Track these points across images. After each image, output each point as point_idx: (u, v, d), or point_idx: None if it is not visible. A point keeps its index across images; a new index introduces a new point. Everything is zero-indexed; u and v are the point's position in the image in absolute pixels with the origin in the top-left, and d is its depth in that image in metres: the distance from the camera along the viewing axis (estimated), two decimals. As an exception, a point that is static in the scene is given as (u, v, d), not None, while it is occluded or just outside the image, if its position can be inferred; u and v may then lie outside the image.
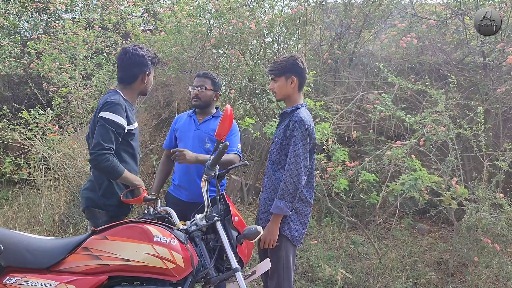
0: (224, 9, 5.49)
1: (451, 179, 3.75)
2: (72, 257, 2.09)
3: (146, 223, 2.16)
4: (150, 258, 2.03)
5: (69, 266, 2.07)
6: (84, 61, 5.96)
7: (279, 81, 2.73)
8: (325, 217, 4.91)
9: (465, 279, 3.86)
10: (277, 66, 2.73)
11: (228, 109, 2.19)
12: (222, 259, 2.25)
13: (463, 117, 4.35)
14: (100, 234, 2.13)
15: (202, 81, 3.15)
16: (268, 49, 5.91)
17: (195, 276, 2.14)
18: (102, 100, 2.60)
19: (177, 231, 2.19)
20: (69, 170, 4.94)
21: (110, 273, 2.04)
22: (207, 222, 2.25)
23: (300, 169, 2.53)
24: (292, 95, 2.75)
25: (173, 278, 2.06)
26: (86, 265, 2.05)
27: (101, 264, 2.04)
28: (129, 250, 2.05)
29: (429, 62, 5.14)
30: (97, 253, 2.06)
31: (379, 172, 4.11)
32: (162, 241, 2.08)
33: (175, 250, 2.07)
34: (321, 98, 4.86)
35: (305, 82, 2.81)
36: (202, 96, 3.12)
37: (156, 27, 7.02)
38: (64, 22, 6.84)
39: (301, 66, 2.71)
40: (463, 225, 3.83)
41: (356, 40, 5.65)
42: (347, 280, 3.85)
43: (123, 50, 2.70)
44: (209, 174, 2.24)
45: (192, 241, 2.23)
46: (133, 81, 2.69)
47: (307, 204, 2.70)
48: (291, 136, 2.59)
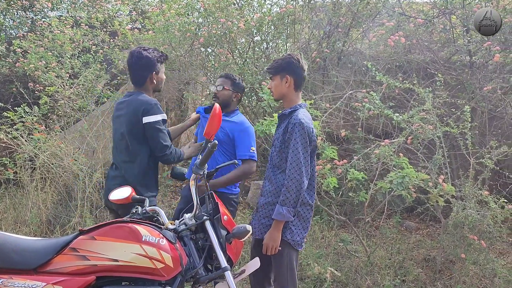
0: (213, 7, 5.48)
1: (438, 177, 3.79)
2: (60, 257, 2.07)
3: (134, 223, 2.15)
4: (138, 258, 2.02)
5: (56, 266, 2.05)
6: (71, 60, 5.89)
7: (275, 80, 2.71)
8: (314, 216, 4.92)
9: (452, 276, 3.91)
10: (273, 65, 2.72)
11: (217, 108, 2.18)
12: (211, 258, 2.24)
13: (450, 116, 4.40)
14: (87, 234, 2.11)
15: (222, 81, 3.29)
16: (257, 48, 5.91)
17: (184, 276, 2.13)
18: (136, 104, 2.74)
19: (165, 231, 2.18)
20: (56, 170, 4.88)
21: (98, 274, 2.03)
22: (196, 221, 2.25)
23: (301, 173, 2.50)
24: (288, 95, 2.71)
25: (162, 278, 2.05)
26: (73, 265, 2.03)
27: (89, 264, 2.02)
28: (117, 250, 2.03)
29: (416, 60, 5.18)
30: (84, 253, 2.04)
31: (367, 170, 4.14)
32: (151, 240, 2.07)
33: (163, 249, 2.06)
34: (310, 96, 4.87)
35: (303, 81, 2.75)
36: (220, 95, 3.25)
37: (144, 26, 6.97)
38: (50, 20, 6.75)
39: (297, 64, 2.66)
40: (450, 222, 3.87)
41: (344, 39, 5.68)
42: (336, 278, 3.87)
43: (129, 54, 2.86)
44: (197, 173, 2.24)
45: (181, 240, 2.22)
46: (144, 82, 2.85)
47: (309, 207, 2.68)
48: (290, 140, 2.55)
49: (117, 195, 2.52)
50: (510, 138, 4.48)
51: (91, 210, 4.78)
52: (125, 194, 2.52)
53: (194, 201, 2.25)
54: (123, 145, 2.79)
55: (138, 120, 2.70)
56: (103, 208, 4.80)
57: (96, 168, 5.00)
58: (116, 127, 2.88)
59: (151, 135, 2.71)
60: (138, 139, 2.75)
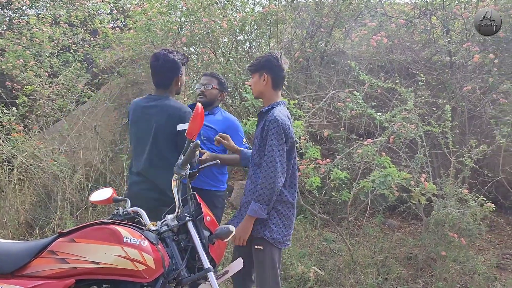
0: (195, 7, 5.44)
1: (420, 176, 3.83)
2: (38, 260, 2.01)
3: (115, 224, 2.11)
4: (119, 260, 1.98)
5: (34, 270, 2.00)
6: (50, 58, 5.78)
7: (254, 78, 2.74)
8: (298, 215, 4.93)
9: (433, 273, 3.95)
10: (253, 63, 2.76)
11: (199, 107, 2.16)
12: (194, 259, 2.21)
13: (431, 115, 4.45)
14: (67, 236, 2.06)
15: (209, 80, 3.29)
16: (240, 48, 5.89)
17: (167, 277, 2.10)
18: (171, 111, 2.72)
19: (147, 232, 2.15)
20: (34, 171, 4.79)
21: (77, 277, 1.98)
22: (178, 222, 2.22)
23: (276, 170, 2.50)
24: (266, 93, 2.72)
25: (143, 280, 2.01)
26: (52, 268, 1.98)
27: (68, 267, 1.97)
28: (98, 252, 1.99)
29: (398, 60, 5.23)
30: (64, 256, 1.99)
31: (350, 169, 4.16)
32: (132, 242, 2.03)
33: (145, 251, 2.02)
34: (293, 96, 4.87)
35: (282, 80, 2.76)
36: (208, 94, 3.26)
37: (125, 25, 6.89)
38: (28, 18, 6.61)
39: (275, 63, 2.67)
40: (431, 220, 3.92)
41: (327, 39, 5.70)
42: (320, 277, 3.88)
43: (154, 56, 2.84)
44: (179, 173, 2.21)
45: (163, 241, 2.18)
46: (169, 85, 2.85)
47: (290, 205, 2.67)
48: (267, 137, 2.56)
49: (98, 196, 2.48)
50: (489, 137, 4.55)
51: (72, 212, 4.70)
52: (106, 195, 2.48)
53: (176, 202, 2.23)
54: (154, 151, 2.74)
55: (174, 126, 2.69)
56: (83, 210, 4.73)
57: (76, 169, 4.92)
58: (144, 131, 2.79)
59: (182, 142, 2.58)
60: (171, 146, 2.72)
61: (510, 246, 4.63)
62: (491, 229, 4.95)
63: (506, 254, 4.47)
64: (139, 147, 2.84)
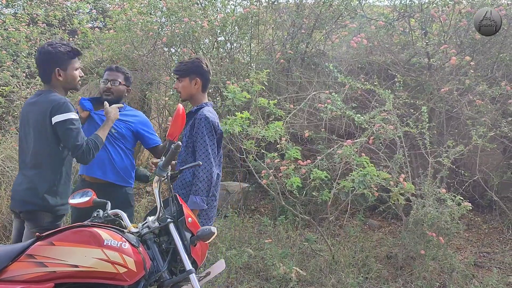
0: (176, 7, 5.42)
1: (399, 176, 3.88)
2: (16, 265, 1.98)
3: (95, 227, 2.09)
4: (100, 263, 1.96)
5: (12, 274, 1.96)
6: (28, 59, 5.68)
7: (184, 82, 2.86)
8: (279, 216, 4.94)
9: (413, 272, 4.01)
10: (182, 67, 2.86)
11: (180, 109, 2.15)
12: (175, 261, 2.20)
13: (410, 116, 4.52)
14: (45, 239, 2.03)
15: (115, 75, 3.13)
16: (221, 48, 5.88)
17: (148, 280, 2.08)
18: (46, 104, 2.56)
19: (128, 234, 2.13)
20: (11, 174, 4.69)
21: (57, 280, 1.95)
22: (159, 224, 2.20)
23: (211, 163, 2.69)
24: (196, 95, 2.89)
25: (124, 283, 1.99)
26: (30, 273, 1.94)
27: (47, 271, 1.94)
28: (78, 255, 1.97)
29: (378, 62, 5.31)
30: (42, 259, 1.96)
31: (330, 170, 4.19)
32: (113, 244, 2.01)
33: (126, 253, 2.01)
34: (274, 97, 4.89)
35: (209, 83, 2.95)
36: (115, 90, 3.11)
37: (105, 25, 6.82)
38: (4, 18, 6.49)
39: (205, 68, 2.85)
40: (411, 219, 3.98)
41: (308, 40, 5.74)
42: (301, 278, 3.90)
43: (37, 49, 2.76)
44: (161, 175, 2.19)
45: (144, 243, 2.17)
46: (49, 79, 2.68)
47: (214, 198, 2.83)
48: (198, 134, 2.71)
49: (78, 199, 2.45)
50: (466, 137, 4.65)
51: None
52: (86, 197, 2.44)
53: (158, 204, 2.21)
54: (34, 149, 2.59)
55: (50, 120, 2.54)
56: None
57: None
58: (25, 129, 2.67)
59: (62, 135, 2.55)
60: (47, 142, 2.58)
61: (487, 244, 4.73)
62: (469, 228, 5.05)
63: (483, 252, 4.57)
64: (22, 146, 2.72)
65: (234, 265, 3.97)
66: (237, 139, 4.02)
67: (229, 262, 3.96)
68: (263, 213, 5.45)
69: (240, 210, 5.19)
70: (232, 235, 4.53)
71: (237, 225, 4.72)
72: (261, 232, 4.81)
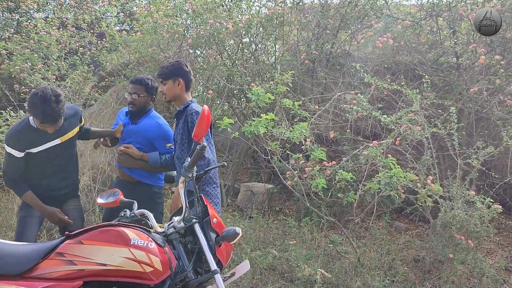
0: (201, 9, 5.46)
1: (427, 178, 3.81)
2: (46, 262, 2.03)
3: (122, 226, 2.13)
4: (127, 262, 1.99)
5: (42, 272, 2.01)
6: (58, 62, 5.83)
7: (168, 84, 3.01)
8: (304, 217, 4.92)
9: (441, 276, 3.93)
10: (164, 71, 3.01)
11: (205, 110, 2.17)
12: (200, 261, 2.22)
13: (438, 117, 4.43)
14: (74, 238, 2.08)
15: (135, 88, 3.27)
16: (246, 50, 5.90)
17: (174, 279, 2.11)
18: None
19: (154, 234, 2.16)
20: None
21: (85, 278, 2.00)
22: (185, 224, 2.23)
23: (207, 152, 2.79)
24: (181, 95, 3.03)
25: (151, 282, 2.02)
26: (60, 270, 2.00)
27: (76, 269, 1.99)
28: (105, 254, 2.01)
29: (404, 62, 5.22)
30: (71, 258, 2.01)
31: (356, 171, 4.15)
32: (140, 244, 2.04)
33: (152, 253, 2.04)
34: (298, 98, 4.87)
35: (191, 83, 3.09)
36: (137, 102, 3.27)
37: (132, 27, 6.93)
38: (36, 22, 6.68)
39: (186, 69, 3.02)
40: (438, 222, 3.90)
41: (333, 41, 5.70)
42: (326, 280, 3.87)
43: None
44: (186, 176, 2.21)
45: (170, 243, 2.20)
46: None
47: (215, 185, 2.97)
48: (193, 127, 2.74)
49: (105, 199, 2.50)
50: (497, 138, 4.52)
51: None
52: (113, 197, 2.49)
53: (183, 204, 2.23)
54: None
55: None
56: (90, 212, 4.75)
57: (84, 171, 4.95)
58: None
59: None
60: None
61: (518, 249, 4.60)
62: (499, 231, 4.91)
63: (514, 257, 4.44)
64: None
65: (258, 266, 3.97)
66: (262, 140, 4.02)
67: (253, 263, 3.96)
68: (288, 214, 5.44)
69: (264, 211, 5.19)
70: (257, 236, 4.54)
71: (261, 226, 4.73)
72: (285, 233, 4.80)
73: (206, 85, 5.87)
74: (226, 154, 6.36)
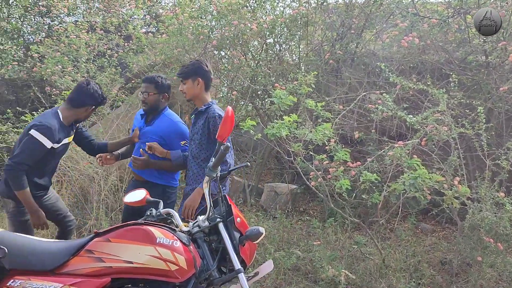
0: (226, 10, 5.50)
1: (454, 179, 3.74)
2: (76, 259, 2.10)
3: (148, 225, 2.17)
4: (152, 260, 2.04)
5: (72, 268, 2.08)
6: (87, 64, 5.98)
7: (187, 83, 3.05)
8: (328, 218, 4.90)
9: (469, 279, 3.85)
10: (184, 70, 3.06)
11: (229, 111, 2.19)
12: (225, 260, 2.25)
13: (465, 117, 4.34)
14: (103, 236, 2.14)
15: (146, 87, 3.32)
16: (270, 50, 5.91)
17: (198, 278, 2.14)
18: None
19: (179, 233, 2.20)
20: (72, 173, 4.95)
21: (113, 275, 2.05)
22: (209, 223, 2.26)
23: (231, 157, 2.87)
24: (200, 95, 3.07)
25: (176, 280, 2.06)
26: (89, 267, 2.06)
27: (104, 266, 2.05)
28: (132, 252, 2.06)
29: (431, 61, 5.13)
30: (100, 255, 2.07)
31: (381, 172, 4.10)
32: (165, 242, 2.08)
33: (177, 251, 2.07)
34: (322, 98, 4.86)
35: (211, 83, 3.13)
36: (148, 101, 3.31)
37: (158, 29, 7.04)
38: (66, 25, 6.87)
39: (205, 69, 3.04)
40: (466, 224, 3.82)
41: (357, 40, 5.65)
42: (351, 281, 3.85)
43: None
44: (211, 176, 2.25)
45: (195, 242, 2.23)
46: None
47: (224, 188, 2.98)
48: (215, 130, 2.79)
49: (132, 197, 2.55)
50: (528, 139, 4.40)
51: (107, 213, 4.84)
52: (139, 196, 2.55)
53: (208, 204, 2.27)
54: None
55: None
56: (118, 211, 4.85)
57: (111, 171, 5.06)
58: None
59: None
60: None
61: (550, 252, 4.46)
62: (530, 234, 4.77)
63: (546, 260, 4.30)
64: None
65: (282, 266, 3.98)
66: (285, 142, 4.02)
67: (277, 263, 3.97)
68: (312, 215, 5.42)
69: (288, 211, 5.19)
70: (281, 237, 4.54)
71: (285, 227, 4.73)
72: (309, 234, 4.79)
73: (231, 86, 5.91)
74: (250, 155, 6.39)
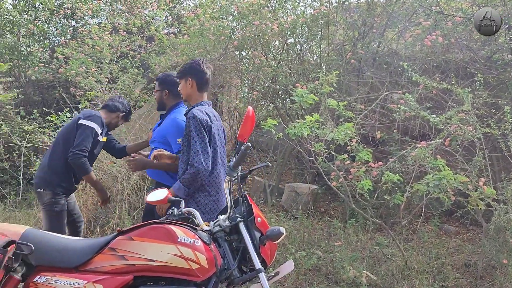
0: (247, 11, 5.52)
1: (479, 180, 3.66)
2: (99, 257, 2.14)
3: (170, 224, 2.20)
4: (174, 259, 2.06)
5: (96, 265, 2.12)
6: (110, 65, 6.08)
7: (181, 83, 3.05)
8: (350, 219, 4.86)
9: (494, 282, 3.77)
10: (180, 70, 3.07)
11: (250, 111, 2.20)
12: (245, 260, 2.25)
13: (491, 116, 4.24)
14: (126, 234, 2.17)
15: (154, 85, 3.41)
16: (291, 50, 5.90)
17: (219, 277, 2.15)
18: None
19: (200, 232, 2.22)
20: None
21: (135, 273, 2.08)
22: (230, 223, 2.27)
23: (199, 160, 2.79)
24: (193, 95, 3.04)
25: (197, 279, 2.08)
26: (112, 265, 2.09)
27: (127, 264, 2.08)
28: (154, 250, 2.08)
29: (455, 60, 5.03)
30: (123, 253, 2.10)
31: (403, 172, 4.05)
32: (186, 241, 2.10)
33: (199, 250, 2.09)
34: (344, 98, 4.82)
35: (206, 83, 3.04)
36: (155, 98, 3.40)
37: (179, 30, 7.10)
38: (90, 27, 7.00)
39: (198, 68, 2.98)
40: (492, 226, 3.73)
41: (379, 39, 5.59)
42: (372, 282, 3.81)
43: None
44: (231, 175, 2.26)
45: (216, 241, 2.24)
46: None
47: (207, 193, 2.92)
48: (190, 132, 2.83)
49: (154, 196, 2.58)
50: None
51: (129, 212, 4.91)
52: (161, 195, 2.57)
53: (228, 203, 2.28)
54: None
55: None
56: (140, 210, 4.92)
57: (133, 170, 5.12)
58: None
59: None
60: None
61: None
62: (559, 237, 4.64)
63: None
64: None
65: (303, 266, 3.97)
66: (306, 141, 4.01)
67: (298, 263, 3.96)
68: (333, 215, 5.39)
69: (309, 212, 5.18)
70: (301, 237, 4.53)
71: (306, 227, 4.71)
72: (330, 235, 4.76)
73: (251, 86, 5.93)
74: (271, 154, 6.39)
